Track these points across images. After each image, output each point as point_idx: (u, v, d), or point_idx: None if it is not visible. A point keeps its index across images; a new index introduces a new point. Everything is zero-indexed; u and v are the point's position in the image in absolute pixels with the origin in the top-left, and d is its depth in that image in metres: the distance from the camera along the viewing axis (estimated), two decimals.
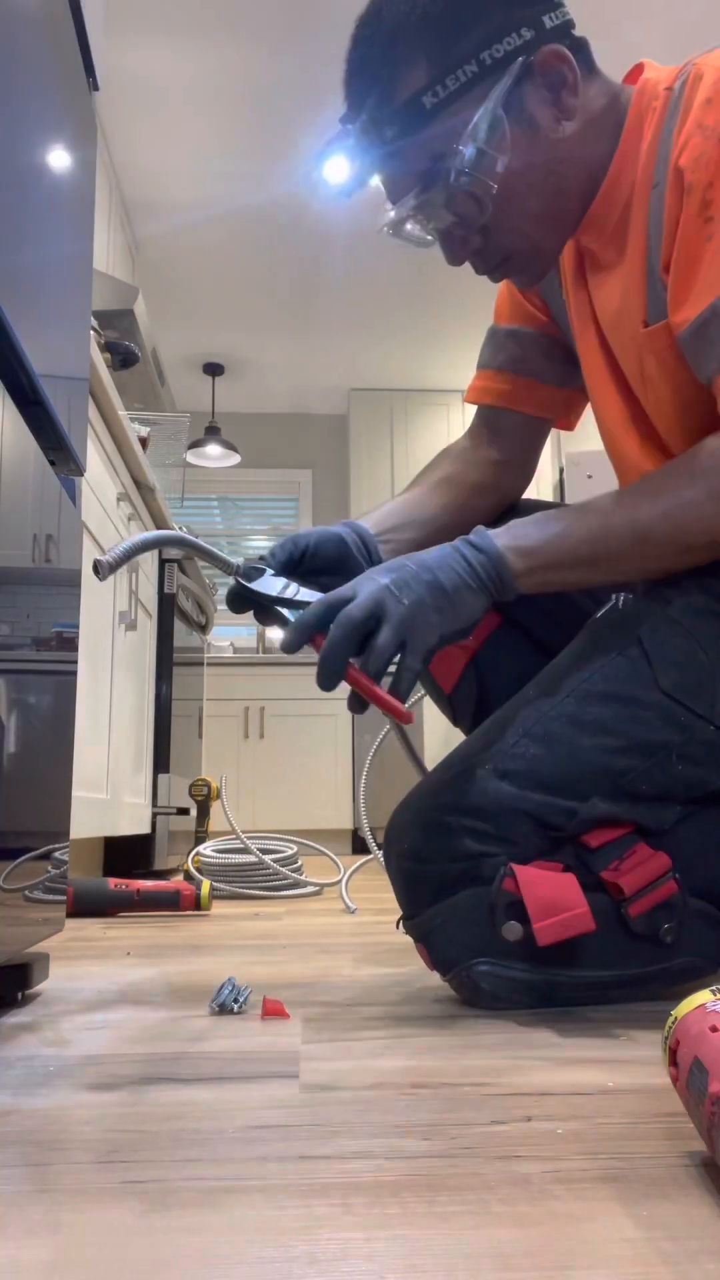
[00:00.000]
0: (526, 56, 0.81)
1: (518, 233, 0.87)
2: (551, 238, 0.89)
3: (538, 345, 1.07)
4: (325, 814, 4.28)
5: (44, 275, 0.90)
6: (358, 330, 4.61)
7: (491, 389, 1.11)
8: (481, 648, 1.11)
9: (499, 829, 0.81)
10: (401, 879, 0.85)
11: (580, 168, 0.86)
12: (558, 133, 0.84)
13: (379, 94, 0.82)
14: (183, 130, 3.30)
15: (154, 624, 2.68)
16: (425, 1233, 0.40)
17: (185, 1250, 0.38)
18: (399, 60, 0.81)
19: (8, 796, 0.78)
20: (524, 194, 0.84)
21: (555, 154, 0.84)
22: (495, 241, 0.87)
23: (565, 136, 0.84)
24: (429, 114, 0.81)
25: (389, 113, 0.82)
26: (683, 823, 0.83)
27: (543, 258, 0.90)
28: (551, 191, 0.85)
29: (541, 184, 0.85)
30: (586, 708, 0.83)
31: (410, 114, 0.81)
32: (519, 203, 0.84)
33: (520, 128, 0.82)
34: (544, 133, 0.84)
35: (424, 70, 0.80)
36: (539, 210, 0.86)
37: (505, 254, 0.88)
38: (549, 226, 0.88)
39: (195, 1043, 0.72)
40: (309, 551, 0.91)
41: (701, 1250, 0.37)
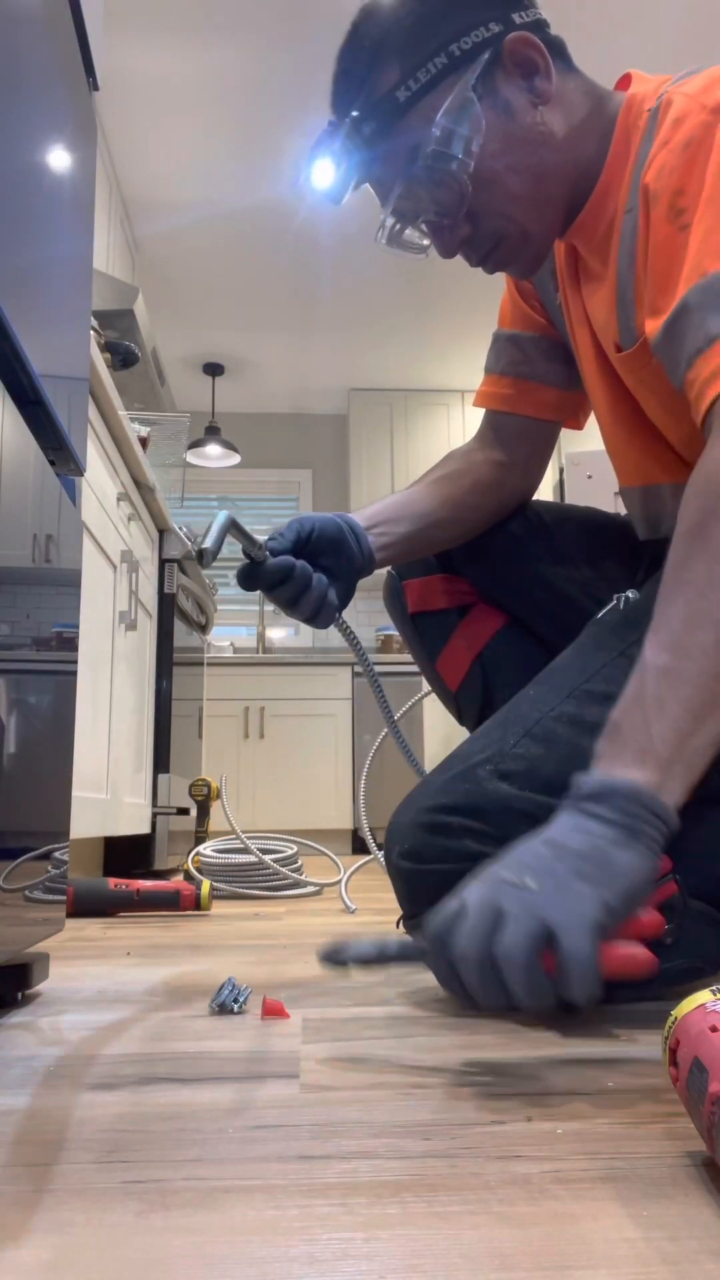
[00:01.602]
0: (496, 45, 0.83)
1: (504, 216, 0.86)
2: (538, 222, 0.88)
3: (539, 349, 1.08)
4: (325, 814, 4.28)
5: (44, 275, 0.90)
6: (358, 330, 4.61)
7: (495, 394, 1.11)
8: (487, 647, 1.12)
9: (500, 830, 0.81)
10: (402, 879, 0.85)
11: (563, 155, 0.86)
12: (534, 116, 0.84)
13: (356, 98, 0.85)
14: (183, 130, 3.30)
15: (154, 624, 2.68)
16: (425, 1233, 0.40)
17: (185, 1250, 0.38)
18: (375, 65, 0.84)
19: (8, 796, 0.78)
20: (505, 175, 0.84)
21: (533, 135, 0.84)
22: (483, 228, 0.87)
23: (543, 120, 0.84)
24: (403, 106, 0.83)
25: (366, 112, 0.84)
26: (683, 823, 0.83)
27: (532, 244, 0.89)
28: (533, 172, 0.85)
29: (521, 164, 0.84)
30: (587, 708, 0.83)
31: (385, 109, 0.83)
32: (501, 184, 0.84)
33: (495, 111, 0.83)
34: (520, 116, 0.84)
35: (396, 69, 0.83)
36: (522, 191, 0.85)
37: (494, 240, 0.88)
38: (535, 209, 0.87)
39: (195, 1043, 0.72)
40: (314, 533, 0.95)
41: (701, 1250, 0.37)
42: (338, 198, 0.91)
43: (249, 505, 5.48)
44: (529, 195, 0.86)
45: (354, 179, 0.89)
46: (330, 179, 0.89)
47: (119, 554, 2.16)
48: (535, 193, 0.86)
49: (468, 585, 1.13)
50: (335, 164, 0.88)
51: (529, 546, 1.10)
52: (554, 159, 0.85)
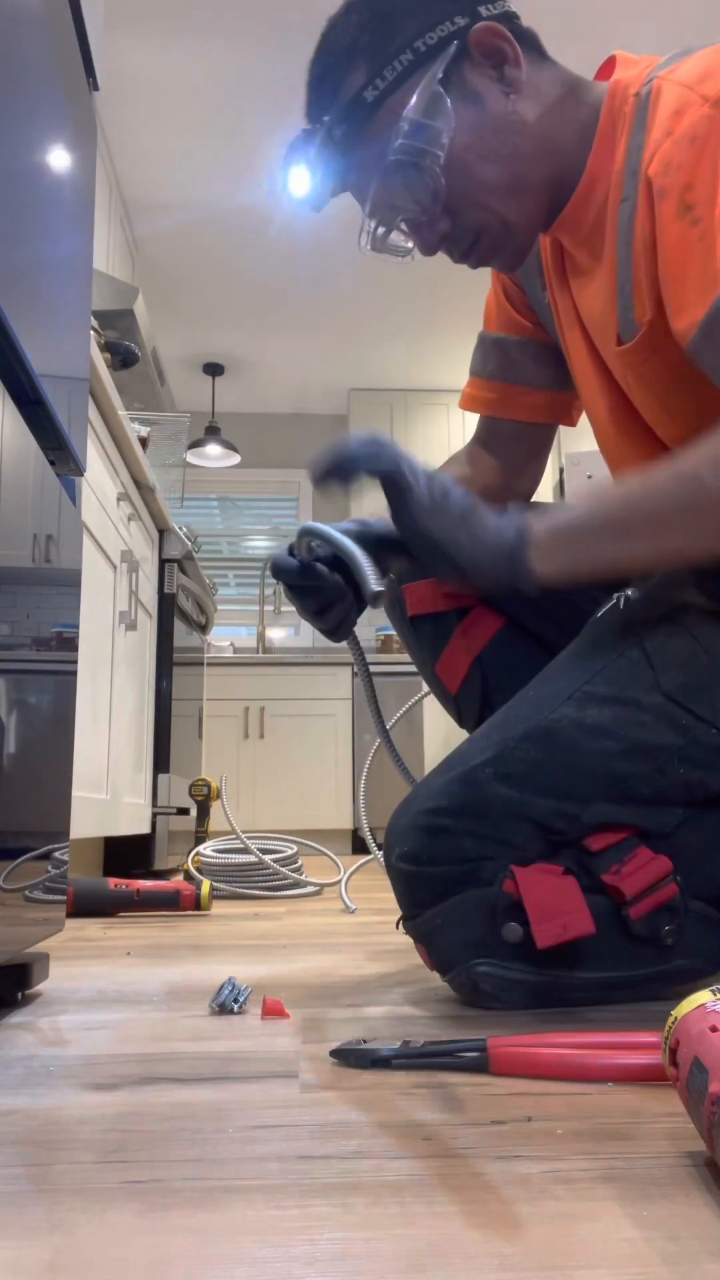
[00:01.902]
0: (462, 38, 0.82)
1: (481, 207, 0.85)
2: (518, 212, 0.86)
3: (525, 351, 1.07)
4: (325, 814, 4.27)
5: (44, 275, 0.90)
6: (358, 330, 4.61)
7: (480, 397, 1.11)
8: (485, 648, 1.11)
9: (499, 832, 0.81)
10: (401, 881, 0.85)
11: (540, 144, 0.84)
12: (505, 105, 0.83)
13: (326, 103, 0.85)
14: (183, 130, 3.30)
15: (154, 624, 2.68)
16: (425, 1233, 0.40)
17: (185, 1250, 0.38)
18: (342, 69, 0.84)
19: (8, 796, 0.78)
20: (478, 165, 0.83)
21: (506, 124, 0.83)
22: (462, 221, 0.86)
23: (515, 109, 0.83)
24: (371, 106, 0.83)
25: (336, 115, 0.84)
26: (684, 825, 0.83)
27: (515, 236, 0.87)
28: (507, 161, 0.84)
29: (495, 154, 0.83)
30: (587, 710, 0.83)
31: (354, 110, 0.83)
32: (475, 174, 0.83)
33: (464, 103, 0.82)
34: (490, 105, 0.83)
35: (364, 71, 0.83)
36: (497, 181, 0.84)
37: (475, 233, 0.87)
38: (513, 199, 0.85)
39: (195, 1043, 0.72)
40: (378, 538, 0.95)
41: (701, 1250, 0.37)
42: (317, 205, 0.90)
43: (249, 505, 5.48)
44: (506, 185, 0.84)
45: (331, 185, 0.88)
46: (307, 187, 0.89)
47: (119, 554, 2.16)
48: (512, 182, 0.85)
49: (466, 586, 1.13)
50: (310, 171, 0.87)
51: None
52: (530, 147, 0.84)
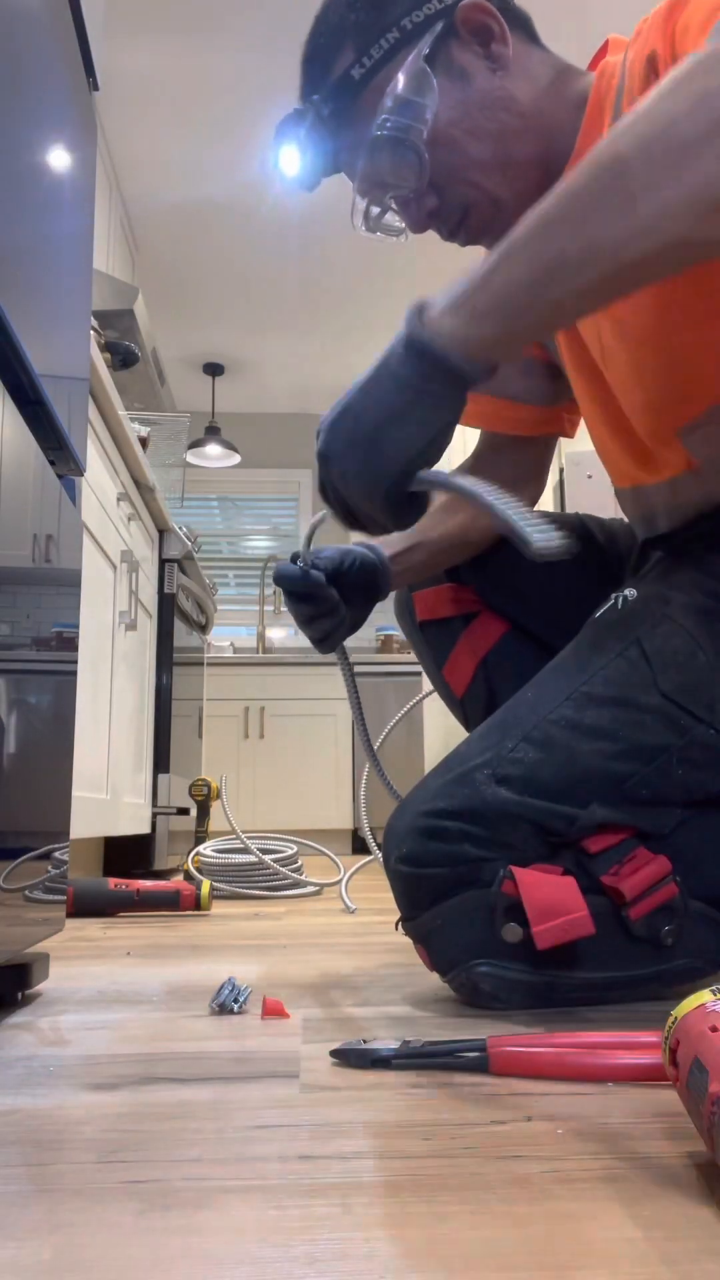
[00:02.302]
0: (449, 15, 0.83)
1: (468, 183, 0.85)
2: (506, 187, 0.86)
3: (515, 367, 1.07)
4: (325, 814, 4.28)
5: (44, 275, 0.90)
6: (358, 330, 4.61)
7: (471, 411, 1.11)
8: (490, 653, 1.12)
9: (498, 834, 0.81)
10: (400, 883, 0.85)
11: (528, 121, 0.84)
12: (492, 81, 0.84)
13: (316, 82, 0.86)
14: (183, 130, 3.30)
15: (154, 624, 2.68)
16: (425, 1233, 0.40)
17: (185, 1250, 0.38)
18: (332, 48, 0.85)
19: (8, 796, 0.78)
20: (464, 140, 0.83)
21: (492, 100, 0.83)
22: (449, 197, 0.86)
23: (502, 86, 0.84)
24: (359, 84, 0.83)
25: (324, 94, 0.85)
26: (683, 825, 0.83)
27: (504, 213, 0.86)
28: (494, 137, 0.84)
29: (481, 129, 0.83)
30: (585, 711, 0.83)
31: (342, 89, 0.84)
32: (461, 149, 0.83)
33: (450, 79, 0.83)
34: (477, 81, 0.83)
35: (352, 50, 0.84)
36: (484, 156, 0.84)
37: (462, 210, 0.87)
38: (501, 175, 0.85)
39: (195, 1043, 0.72)
40: (355, 565, 0.98)
41: (701, 1250, 0.37)
42: (309, 185, 0.90)
43: (249, 505, 5.48)
44: (493, 160, 0.84)
45: (321, 164, 0.88)
46: (298, 166, 0.89)
47: (119, 554, 2.16)
48: (499, 157, 0.84)
49: (473, 594, 1.13)
50: (300, 149, 0.88)
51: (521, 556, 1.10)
52: (517, 124, 0.84)
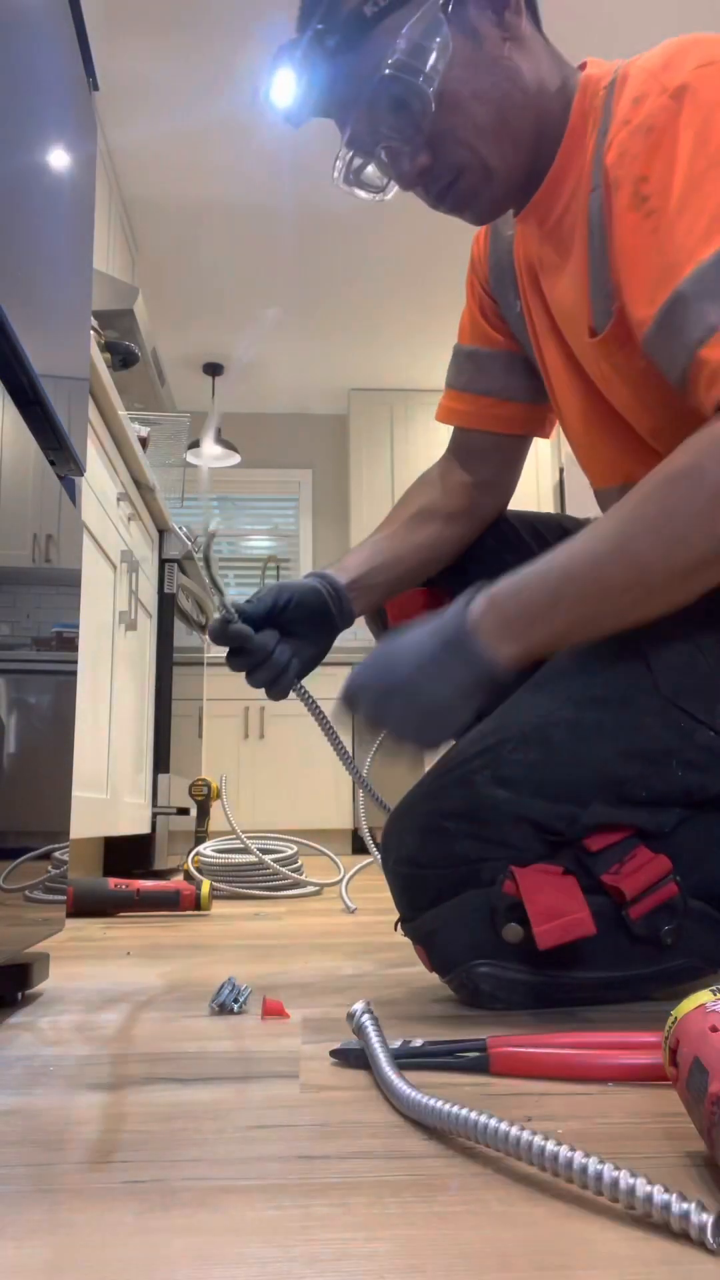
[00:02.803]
0: None
1: (465, 145, 0.83)
2: (500, 158, 0.84)
3: (497, 363, 1.07)
4: (325, 814, 4.28)
5: (44, 275, 0.90)
6: (358, 330, 4.61)
7: (455, 409, 1.11)
8: None
9: (497, 834, 0.81)
10: (400, 883, 0.85)
11: (529, 98, 0.83)
12: (502, 50, 0.83)
13: (322, 13, 0.82)
14: (183, 130, 3.30)
15: (154, 624, 2.68)
16: (425, 1233, 0.40)
17: (185, 1250, 0.38)
18: None
19: (8, 796, 0.78)
20: (469, 101, 0.82)
21: (500, 68, 0.82)
22: (444, 157, 0.84)
23: (511, 56, 0.83)
24: (370, 22, 0.81)
25: (331, 25, 0.82)
26: (683, 825, 0.83)
27: (493, 183, 0.86)
28: (497, 104, 0.83)
29: (487, 94, 0.82)
30: (585, 712, 0.83)
31: (351, 22, 0.81)
32: (464, 110, 0.82)
33: (463, 36, 0.81)
34: (488, 45, 0.82)
35: None
36: (485, 121, 0.83)
37: (454, 172, 0.85)
38: (496, 144, 0.84)
39: (195, 1043, 0.72)
40: (291, 603, 0.95)
41: (701, 1250, 0.37)
42: (297, 119, 0.88)
43: (249, 505, 5.48)
44: (492, 127, 0.83)
45: (315, 100, 0.86)
46: (289, 97, 0.86)
47: (119, 554, 2.16)
48: (498, 126, 0.83)
49: (449, 595, 1.12)
50: (296, 79, 0.85)
51: (504, 557, 1.09)
52: (520, 98, 0.83)
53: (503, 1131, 0.44)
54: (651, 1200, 0.38)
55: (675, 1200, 0.38)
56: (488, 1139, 0.45)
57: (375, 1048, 0.60)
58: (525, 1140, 0.43)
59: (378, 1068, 0.58)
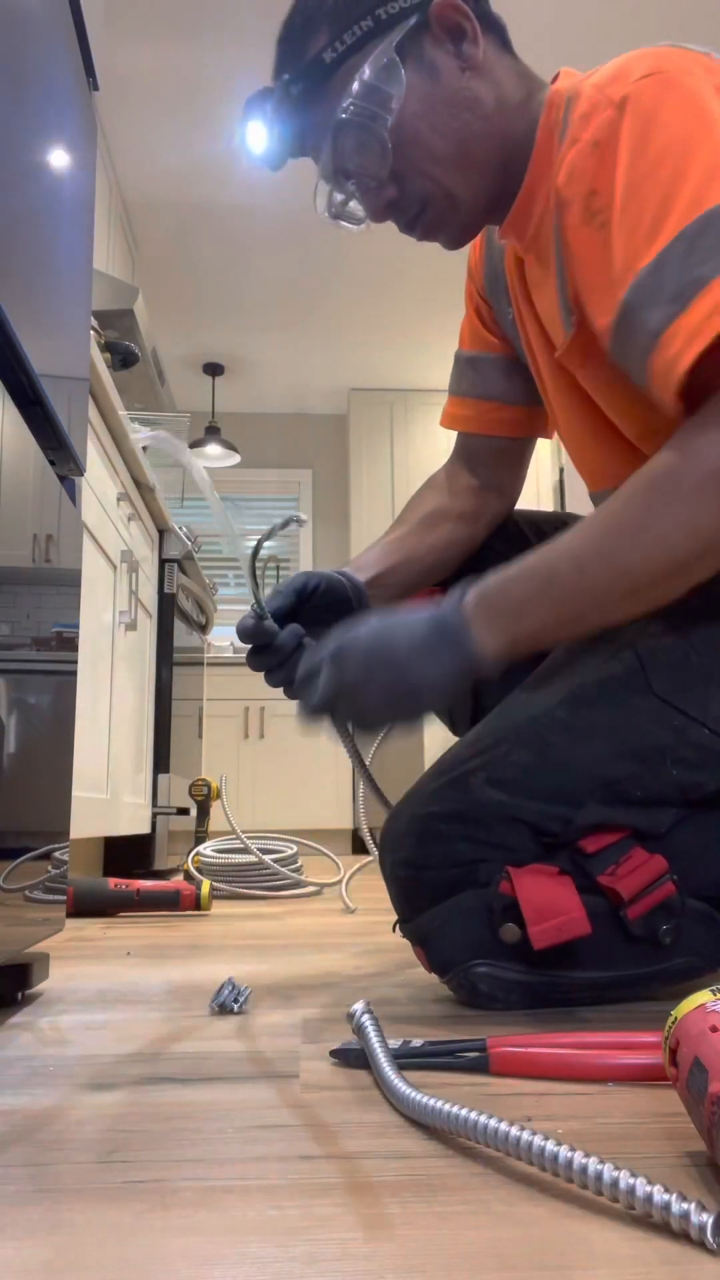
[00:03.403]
0: (423, 10, 0.83)
1: (428, 177, 0.86)
2: (465, 188, 0.87)
3: (497, 368, 1.08)
4: (325, 814, 4.28)
5: (44, 275, 0.90)
6: (358, 330, 4.61)
7: (458, 415, 1.12)
8: None
9: (494, 835, 0.81)
10: (397, 885, 0.85)
11: (491, 125, 0.85)
12: (460, 81, 0.84)
13: (288, 63, 0.86)
14: (183, 130, 3.30)
15: (154, 624, 2.68)
16: (425, 1233, 0.40)
17: (185, 1250, 0.38)
18: (307, 31, 0.86)
19: (8, 796, 0.78)
20: (427, 135, 0.84)
21: (458, 100, 0.84)
22: (408, 190, 0.87)
23: (469, 87, 0.85)
24: (329, 68, 0.84)
25: (294, 74, 0.85)
26: (679, 824, 0.83)
27: (460, 211, 0.88)
28: (457, 135, 0.85)
29: (445, 127, 0.84)
30: (579, 713, 0.83)
31: (312, 71, 0.84)
32: (423, 144, 0.84)
33: (419, 73, 0.83)
34: (445, 79, 0.84)
35: (325, 34, 0.84)
36: (445, 154, 0.85)
37: (420, 203, 0.87)
38: (460, 174, 0.86)
39: (195, 1043, 0.73)
40: (319, 589, 0.95)
41: (701, 1250, 0.37)
42: (274, 163, 0.91)
43: (249, 505, 5.49)
44: (453, 158, 0.85)
45: (287, 144, 0.89)
46: (263, 144, 0.90)
47: (119, 554, 2.16)
48: (459, 157, 0.85)
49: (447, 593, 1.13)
50: (266, 127, 0.88)
51: (506, 554, 1.09)
52: (480, 126, 0.85)
53: (503, 1131, 0.44)
54: (651, 1200, 0.38)
55: (675, 1200, 0.38)
56: (488, 1139, 0.45)
57: (375, 1048, 0.60)
58: (525, 1140, 0.43)
59: (378, 1068, 0.58)
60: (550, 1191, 0.43)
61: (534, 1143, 0.43)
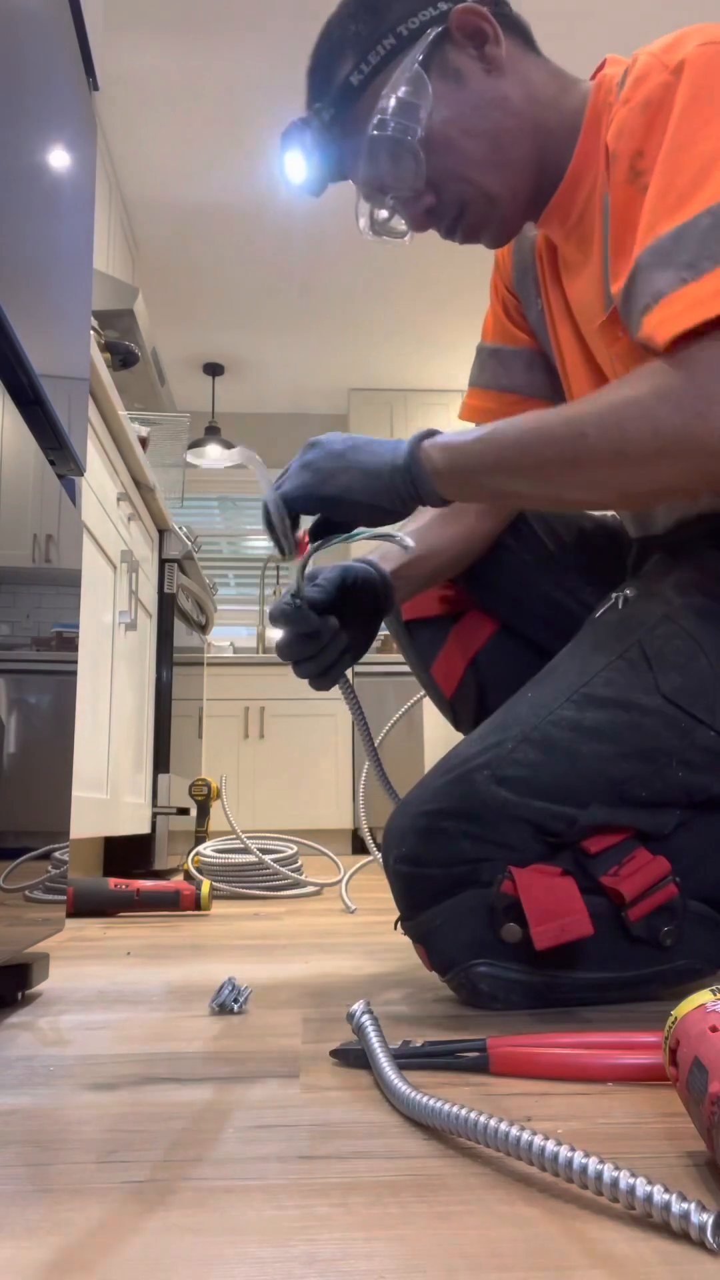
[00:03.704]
0: (443, 20, 0.85)
1: (463, 179, 0.87)
2: (501, 184, 0.87)
3: (520, 360, 1.08)
4: (325, 814, 4.27)
5: (44, 275, 0.90)
6: (358, 330, 4.61)
7: (478, 407, 1.11)
8: (480, 652, 1.11)
9: (497, 834, 0.81)
10: (400, 882, 0.85)
11: (523, 121, 0.86)
12: (486, 82, 0.85)
13: (318, 92, 0.88)
14: (183, 130, 3.30)
15: (154, 624, 2.68)
16: (425, 1233, 0.40)
17: (185, 1250, 0.38)
18: (334, 59, 0.87)
19: (8, 796, 0.78)
20: (459, 139, 0.85)
21: (486, 100, 0.85)
22: (445, 194, 0.88)
23: (496, 86, 0.86)
24: (357, 90, 0.86)
25: (325, 100, 0.87)
26: (682, 826, 0.83)
27: (499, 209, 0.89)
28: (489, 135, 0.86)
29: (476, 128, 0.85)
30: (586, 712, 0.83)
31: (341, 94, 0.86)
32: (455, 148, 0.85)
33: (445, 81, 0.85)
34: (471, 82, 0.85)
35: (352, 58, 0.86)
36: (479, 154, 0.86)
37: (459, 206, 0.88)
38: (495, 172, 0.87)
39: (195, 1043, 0.73)
40: (356, 584, 0.95)
41: (701, 1250, 0.37)
42: (315, 189, 0.92)
43: (249, 505, 5.48)
44: (487, 158, 0.86)
45: (325, 169, 0.90)
46: (303, 173, 0.91)
47: (119, 554, 2.16)
48: (494, 155, 0.86)
49: (461, 591, 1.13)
50: (304, 156, 0.90)
51: (520, 555, 1.10)
52: (512, 123, 0.86)
53: (503, 1131, 0.44)
54: (651, 1200, 0.38)
55: (675, 1200, 0.38)
56: (488, 1139, 0.45)
57: (375, 1048, 0.60)
58: (525, 1140, 0.43)
59: (378, 1068, 0.58)
60: (550, 1191, 0.43)
61: (534, 1143, 0.43)
